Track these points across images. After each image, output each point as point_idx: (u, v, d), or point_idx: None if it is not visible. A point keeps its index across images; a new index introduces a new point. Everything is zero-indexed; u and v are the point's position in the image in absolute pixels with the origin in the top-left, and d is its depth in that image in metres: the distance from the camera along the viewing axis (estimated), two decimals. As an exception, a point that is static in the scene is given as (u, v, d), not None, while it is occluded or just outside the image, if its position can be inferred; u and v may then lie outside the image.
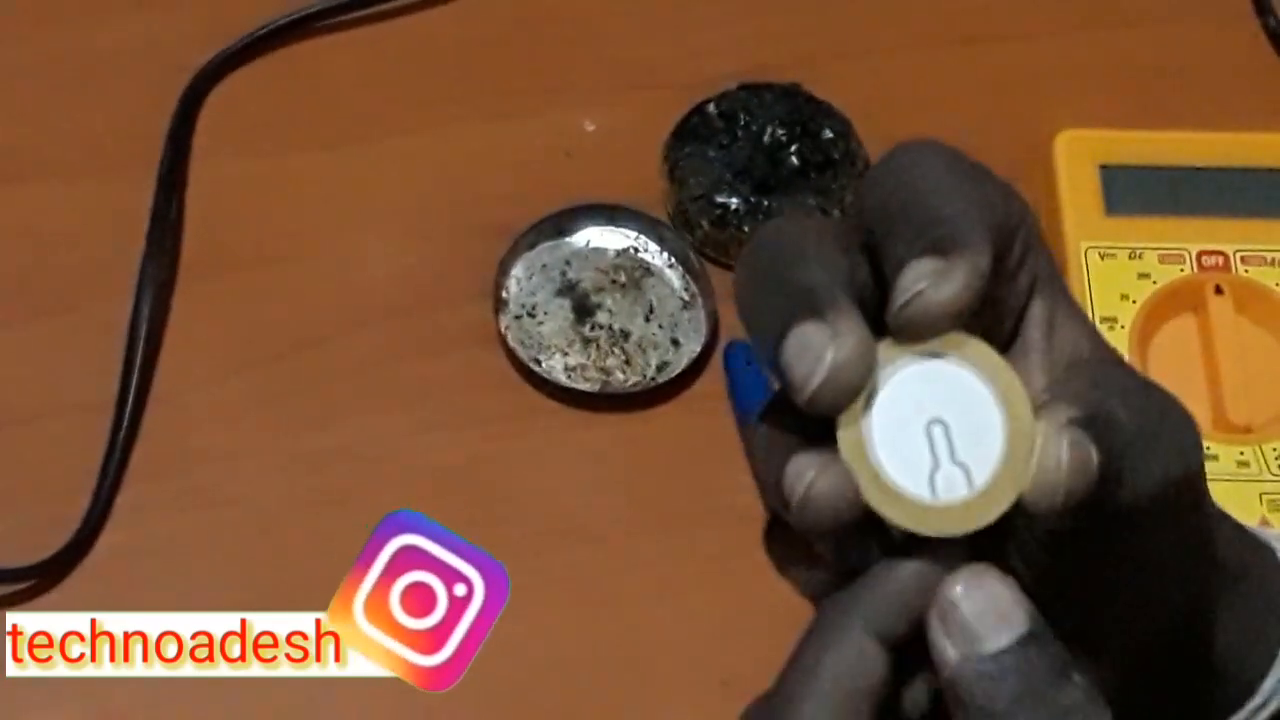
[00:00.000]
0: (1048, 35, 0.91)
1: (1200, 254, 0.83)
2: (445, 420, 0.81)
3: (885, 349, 0.39)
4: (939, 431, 0.39)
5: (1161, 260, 0.83)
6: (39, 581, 0.76)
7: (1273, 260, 0.83)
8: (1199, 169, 0.86)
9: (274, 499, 0.79)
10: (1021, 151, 0.85)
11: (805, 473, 0.39)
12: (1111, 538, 0.40)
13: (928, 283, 0.39)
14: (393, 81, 0.89)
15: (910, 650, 0.39)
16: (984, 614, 0.38)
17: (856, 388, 0.39)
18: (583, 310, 0.83)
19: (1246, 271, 0.83)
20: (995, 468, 0.39)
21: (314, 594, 0.77)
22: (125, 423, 0.79)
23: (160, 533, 0.78)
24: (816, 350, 0.38)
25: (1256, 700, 0.44)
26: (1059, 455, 0.39)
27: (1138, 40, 0.92)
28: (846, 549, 0.40)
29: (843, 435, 0.39)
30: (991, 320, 0.42)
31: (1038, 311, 0.43)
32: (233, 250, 0.84)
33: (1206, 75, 0.91)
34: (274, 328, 0.82)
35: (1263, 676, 0.44)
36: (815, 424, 0.40)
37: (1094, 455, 0.39)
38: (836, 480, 0.39)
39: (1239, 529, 0.45)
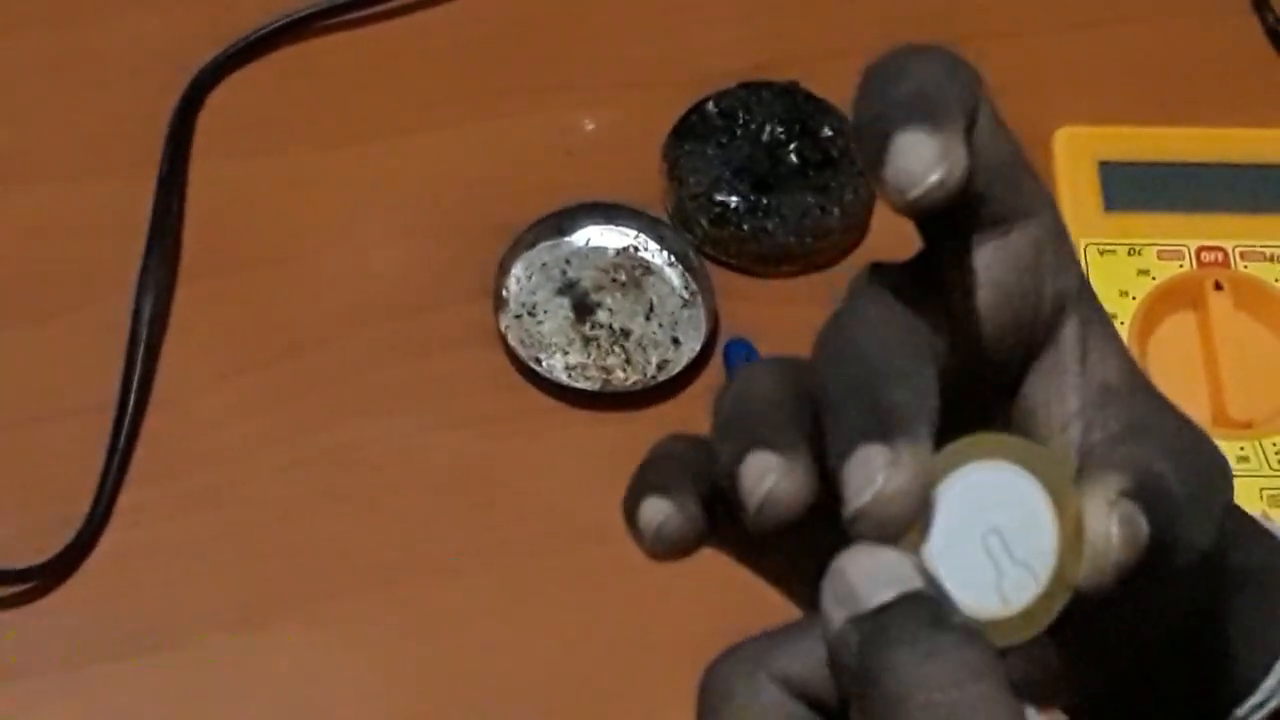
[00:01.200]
0: (1046, 32, 0.91)
1: (1200, 250, 0.83)
2: (446, 420, 0.81)
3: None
4: (995, 541, 0.39)
5: (1161, 256, 0.83)
6: (40, 583, 0.76)
7: (1272, 256, 0.83)
8: (1198, 165, 0.86)
9: (276, 500, 0.79)
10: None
11: (767, 474, 0.39)
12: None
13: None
14: (392, 81, 0.89)
15: None
16: (867, 574, 0.37)
17: (906, 519, 0.38)
18: (583, 309, 0.83)
19: (1246, 267, 0.83)
20: (1053, 561, 0.38)
21: (319, 595, 0.77)
22: (126, 424, 0.79)
23: (162, 534, 0.78)
24: (872, 474, 0.37)
25: (1256, 698, 0.44)
26: (1109, 533, 0.38)
27: (1136, 37, 0.92)
28: (786, 537, 0.40)
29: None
30: (1015, 326, 0.41)
31: (1070, 331, 0.42)
32: (233, 250, 0.85)
33: (1205, 71, 0.91)
34: (275, 328, 0.82)
35: (1265, 673, 0.44)
36: (786, 414, 0.39)
37: (1144, 528, 0.38)
38: (798, 487, 0.39)
39: (1252, 525, 0.44)
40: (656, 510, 0.41)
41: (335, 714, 0.75)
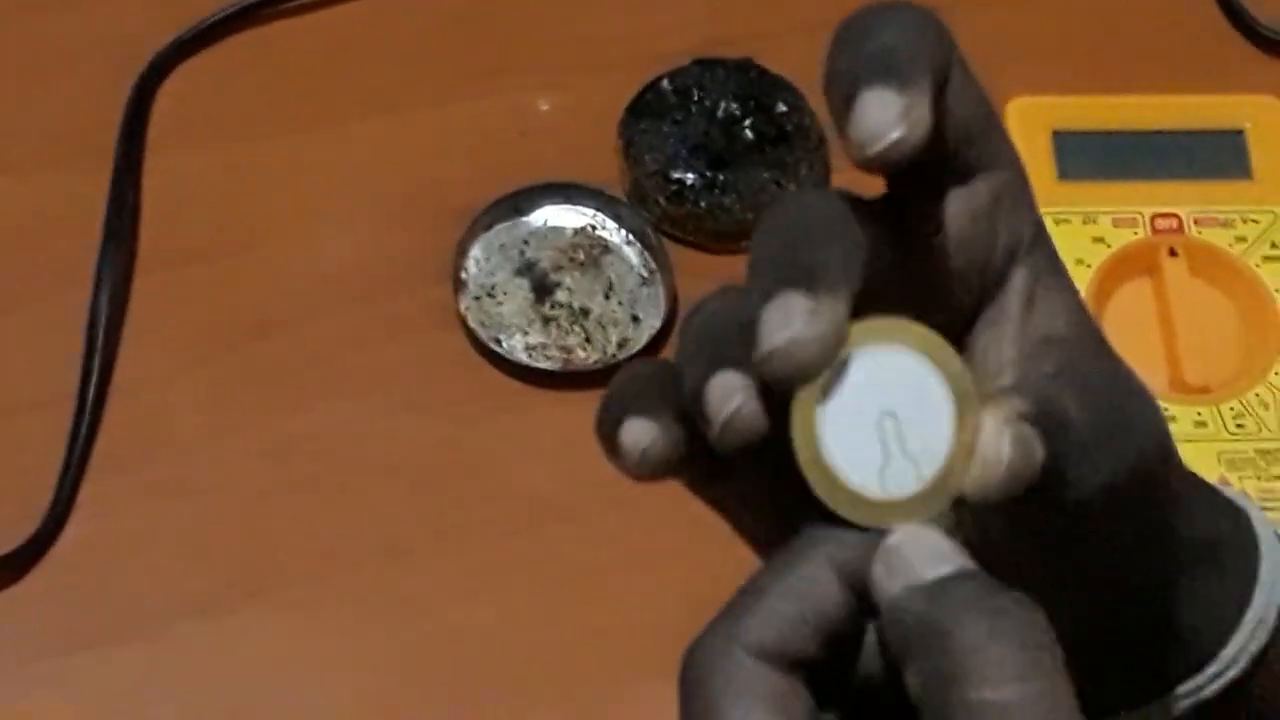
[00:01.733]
0: (998, 4, 0.91)
1: (1154, 217, 0.83)
2: (409, 404, 0.81)
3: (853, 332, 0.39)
4: (890, 425, 0.39)
5: (1115, 224, 0.83)
6: (3, 575, 0.76)
7: (1226, 221, 0.84)
8: (1151, 133, 0.86)
9: (238, 488, 0.79)
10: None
11: (733, 394, 0.39)
12: (1066, 525, 0.40)
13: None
14: (347, 67, 0.89)
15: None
16: (924, 553, 0.38)
17: (815, 367, 0.38)
18: (542, 289, 0.83)
19: (1200, 233, 0.83)
20: (940, 464, 0.39)
21: (285, 582, 0.77)
22: (87, 415, 0.79)
23: (125, 525, 0.78)
24: (790, 318, 0.38)
25: (1214, 668, 0.44)
26: (1000, 450, 0.38)
27: (1088, 7, 0.92)
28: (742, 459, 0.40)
29: (797, 417, 0.39)
30: (965, 272, 0.41)
31: (1019, 280, 0.42)
32: (190, 240, 0.84)
33: (1156, 40, 0.91)
34: (234, 317, 0.82)
35: (1223, 643, 0.44)
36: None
37: (1039, 453, 0.38)
38: (763, 407, 0.39)
39: (1212, 497, 0.44)
40: (642, 431, 0.41)
41: (303, 700, 0.75)
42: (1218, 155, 0.86)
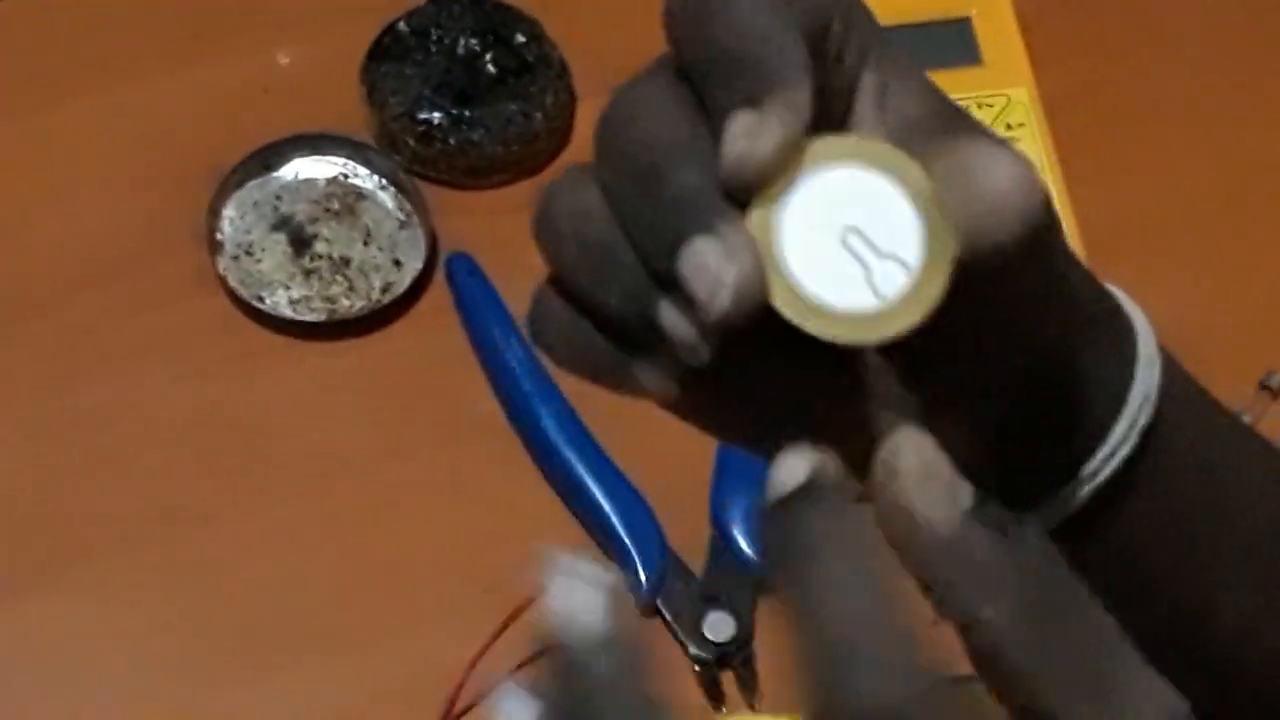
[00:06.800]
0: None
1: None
2: (178, 371, 0.80)
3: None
4: (856, 240, 0.39)
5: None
6: None
7: (961, 108, 0.85)
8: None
9: (19, 470, 0.78)
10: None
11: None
12: (967, 290, 0.40)
13: (744, 142, 0.39)
14: (79, 40, 0.88)
15: None
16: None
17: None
18: (300, 242, 0.83)
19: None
20: (920, 244, 0.39)
21: (73, 561, 0.77)
22: None
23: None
24: (716, 268, 0.38)
25: (1106, 448, 0.44)
26: (998, 174, 0.39)
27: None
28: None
29: (774, 281, 0.39)
30: (825, 105, 0.41)
31: (867, 83, 0.42)
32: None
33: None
34: (-4, 300, 0.82)
35: (1115, 418, 0.45)
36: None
37: (1037, 174, 0.39)
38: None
39: (1087, 273, 0.45)
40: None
41: (108, 676, 0.75)
42: (947, 44, 0.87)
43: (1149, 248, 0.84)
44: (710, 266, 0.39)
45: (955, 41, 0.87)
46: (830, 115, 0.42)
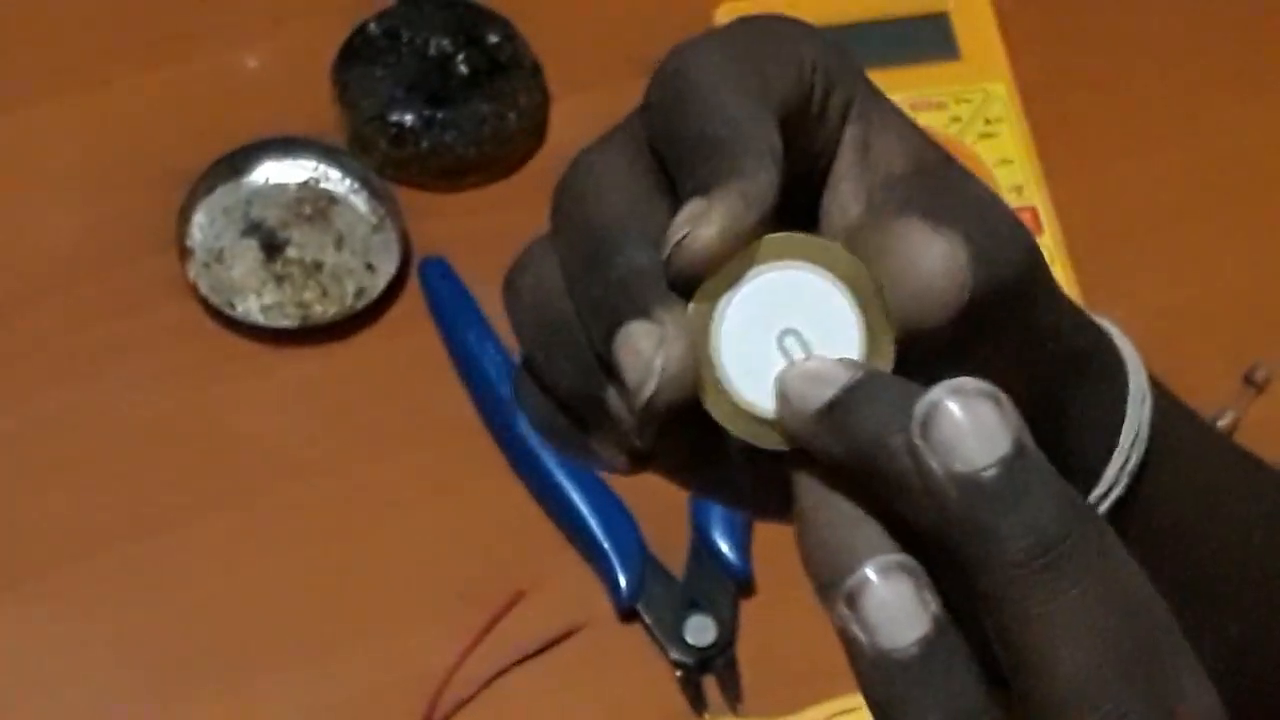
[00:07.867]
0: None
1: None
2: (148, 377, 0.80)
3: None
4: (793, 342, 0.38)
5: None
6: None
7: (940, 104, 0.85)
8: (857, 24, 0.87)
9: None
10: (683, 28, 0.86)
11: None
12: (956, 340, 0.40)
13: (687, 229, 0.38)
14: (44, 42, 0.87)
15: None
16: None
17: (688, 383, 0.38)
18: (271, 248, 0.83)
19: (916, 119, 0.84)
20: (857, 336, 0.38)
21: (41, 566, 0.76)
22: None
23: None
24: (649, 355, 0.37)
25: (1100, 488, 0.44)
26: (932, 255, 0.38)
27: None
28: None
29: (705, 375, 0.38)
30: (808, 167, 0.41)
31: (849, 137, 0.41)
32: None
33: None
34: (-38, 308, 0.81)
35: (1105, 463, 0.44)
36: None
37: (963, 254, 0.38)
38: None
39: (1078, 316, 0.44)
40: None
41: (74, 688, 0.74)
42: (925, 39, 0.87)
43: (1128, 240, 0.84)
44: (643, 352, 0.38)
45: (933, 36, 0.87)
46: (811, 175, 0.41)
